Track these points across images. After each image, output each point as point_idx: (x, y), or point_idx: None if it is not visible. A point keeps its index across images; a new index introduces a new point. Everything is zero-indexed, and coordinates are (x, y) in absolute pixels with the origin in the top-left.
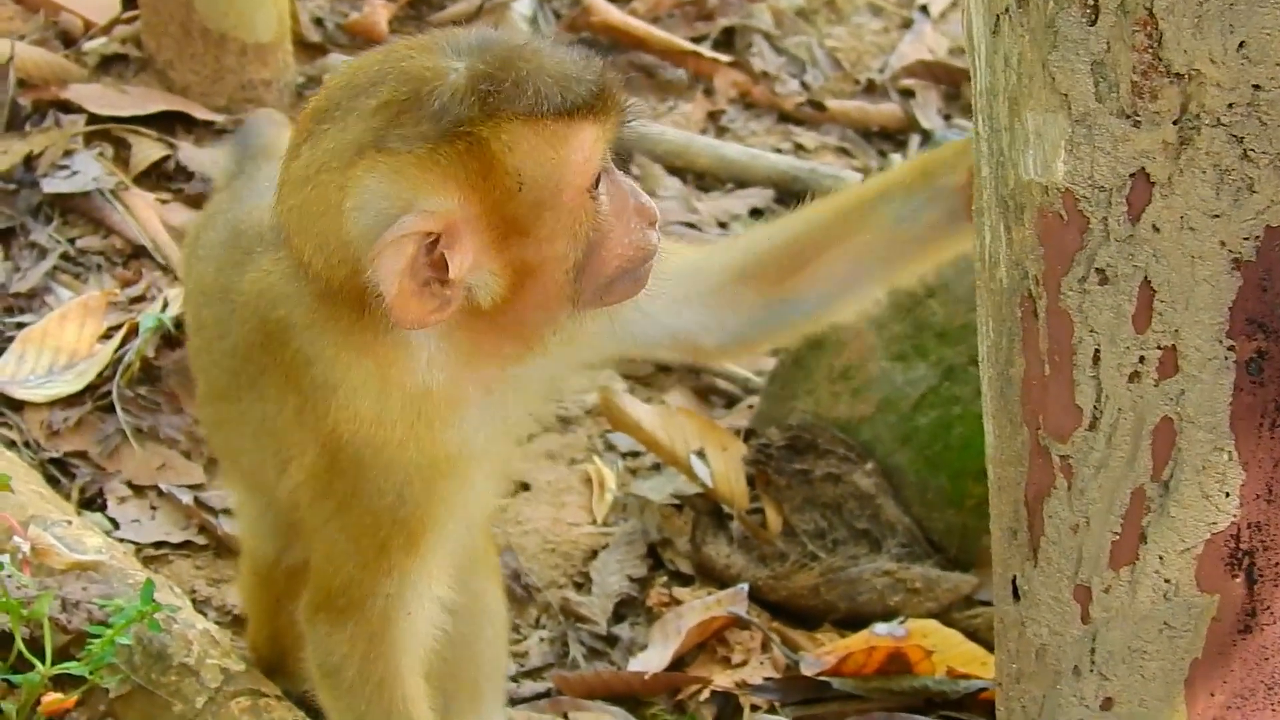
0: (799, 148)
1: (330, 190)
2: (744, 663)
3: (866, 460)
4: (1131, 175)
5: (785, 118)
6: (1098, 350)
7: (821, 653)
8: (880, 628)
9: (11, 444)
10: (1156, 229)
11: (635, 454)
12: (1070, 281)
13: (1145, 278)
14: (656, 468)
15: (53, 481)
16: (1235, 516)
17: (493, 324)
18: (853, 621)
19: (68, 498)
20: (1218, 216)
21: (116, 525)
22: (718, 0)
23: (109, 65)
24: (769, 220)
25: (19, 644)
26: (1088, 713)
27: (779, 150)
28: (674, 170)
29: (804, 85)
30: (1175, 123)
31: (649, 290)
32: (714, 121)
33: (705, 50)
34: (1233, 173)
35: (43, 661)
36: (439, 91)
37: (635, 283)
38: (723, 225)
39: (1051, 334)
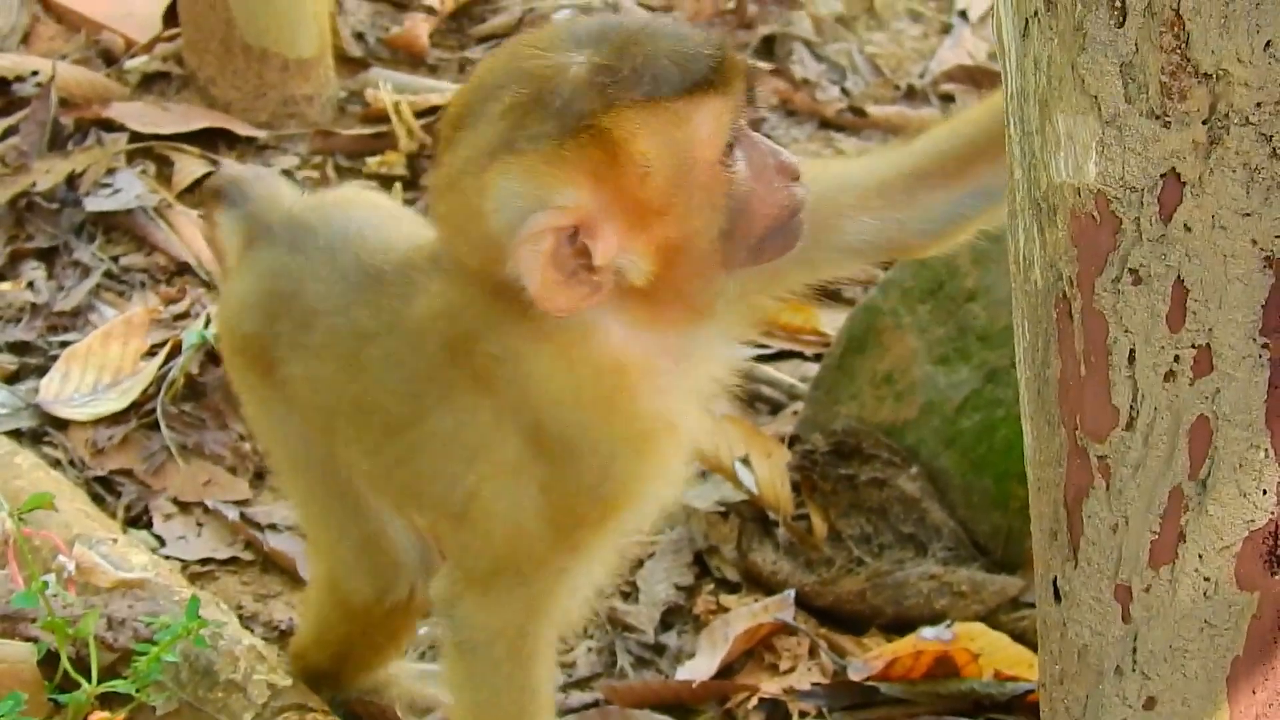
0: (841, 154)
1: (470, 195)
2: (791, 669)
3: (911, 464)
4: (1162, 175)
5: (826, 124)
6: (1133, 350)
7: (869, 658)
8: (927, 632)
9: (56, 463)
10: (1188, 228)
11: None
12: (1104, 282)
13: (1178, 277)
14: (702, 475)
15: (98, 500)
16: (1273, 514)
17: (656, 298)
18: (899, 626)
19: (113, 516)
20: (1249, 215)
21: (162, 542)
22: (757, 8)
23: (151, 83)
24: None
25: (65, 663)
26: (1131, 712)
27: (821, 157)
28: None
29: (844, 92)
30: (1204, 122)
31: (829, 210)
32: (755, 129)
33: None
34: (1262, 171)
35: (89, 680)
36: (560, 89)
37: (788, 237)
38: None
39: (1087, 334)
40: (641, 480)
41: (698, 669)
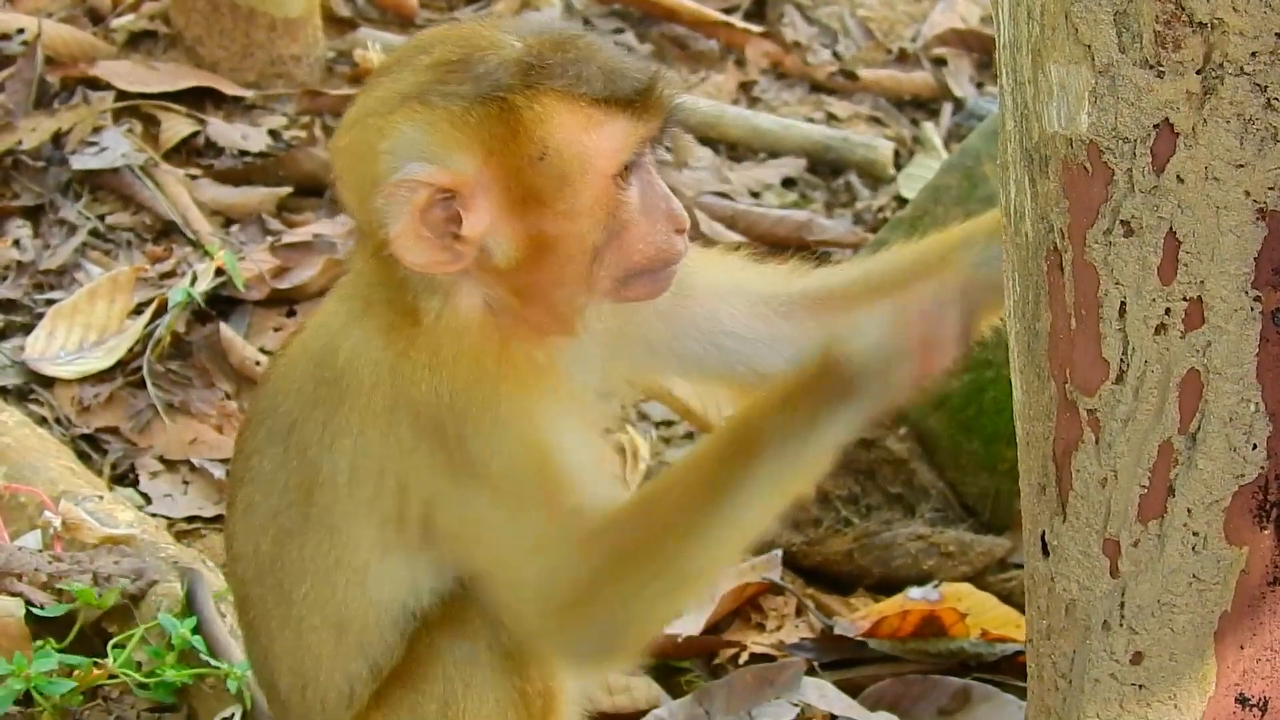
0: (831, 117)
1: (372, 133)
2: (779, 628)
3: (900, 425)
4: (1155, 126)
5: (817, 87)
6: (1124, 303)
7: (856, 617)
8: (914, 592)
9: (42, 420)
10: (1181, 180)
11: (668, 423)
12: (1096, 234)
13: (1170, 229)
14: (689, 436)
15: (84, 458)
16: (1263, 468)
17: (524, 294)
18: (887, 586)
19: (99, 473)
20: (1242, 166)
21: (148, 500)
22: None
23: (137, 42)
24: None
25: None
26: (1118, 667)
27: (811, 120)
28: (706, 141)
29: (836, 55)
30: (1199, 72)
31: (718, 300)
32: (746, 92)
33: (737, 21)
34: (1256, 122)
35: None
36: (487, 59)
37: (655, 284)
38: (755, 194)
39: (1078, 287)
40: (558, 444)
41: (684, 627)
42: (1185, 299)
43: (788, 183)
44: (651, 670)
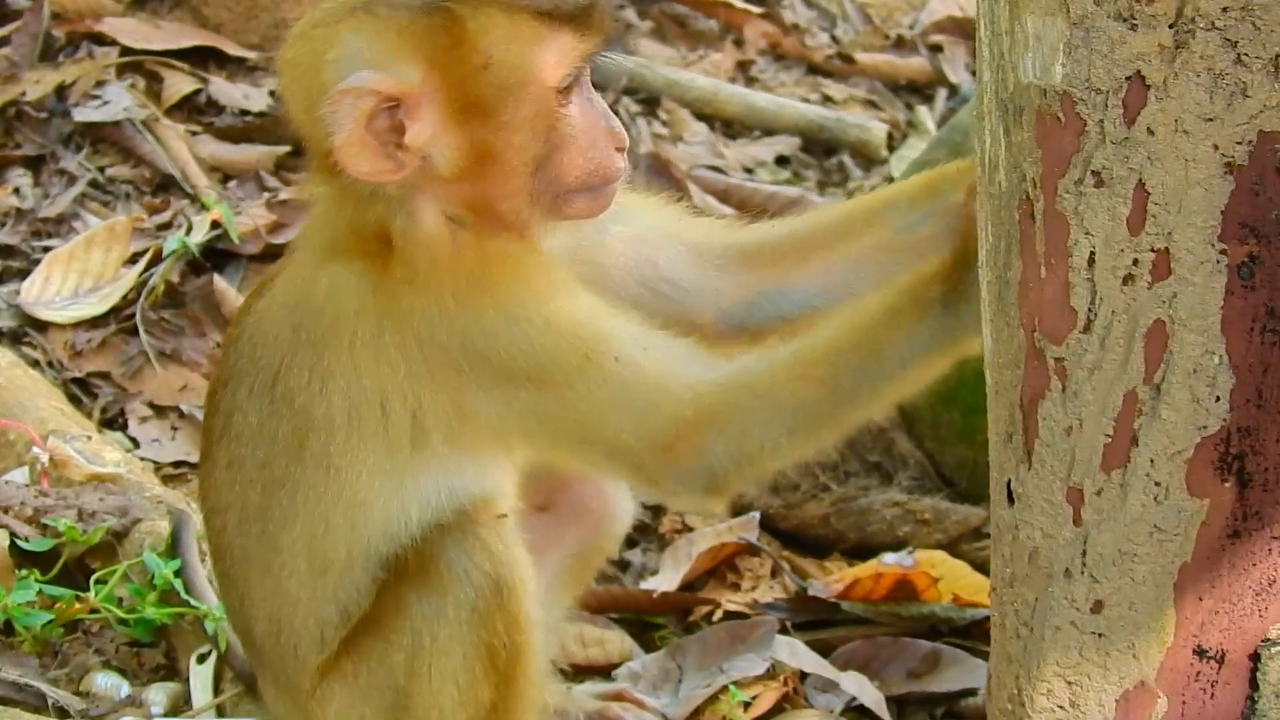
0: (827, 99)
1: (318, 43)
2: (753, 588)
3: None
4: (1127, 78)
5: (814, 69)
6: (1093, 252)
7: (829, 580)
8: (889, 557)
9: (35, 363)
10: (1151, 132)
11: None
12: (1067, 184)
13: (1140, 180)
14: None
15: (75, 401)
16: (1225, 420)
17: (473, 207)
18: (862, 551)
19: (89, 416)
20: (1211, 120)
21: (137, 444)
22: None
23: (143, 1)
24: (791, 214)
25: None
26: (1078, 615)
27: (807, 101)
28: (702, 116)
29: (833, 39)
30: (1171, 26)
31: (657, 246)
32: (743, 71)
33: (736, 1)
34: (1226, 77)
35: None
36: None
37: (595, 200)
38: (749, 171)
39: (1048, 236)
40: (552, 294)
41: (660, 584)
42: (1153, 250)
43: (781, 160)
44: (625, 624)
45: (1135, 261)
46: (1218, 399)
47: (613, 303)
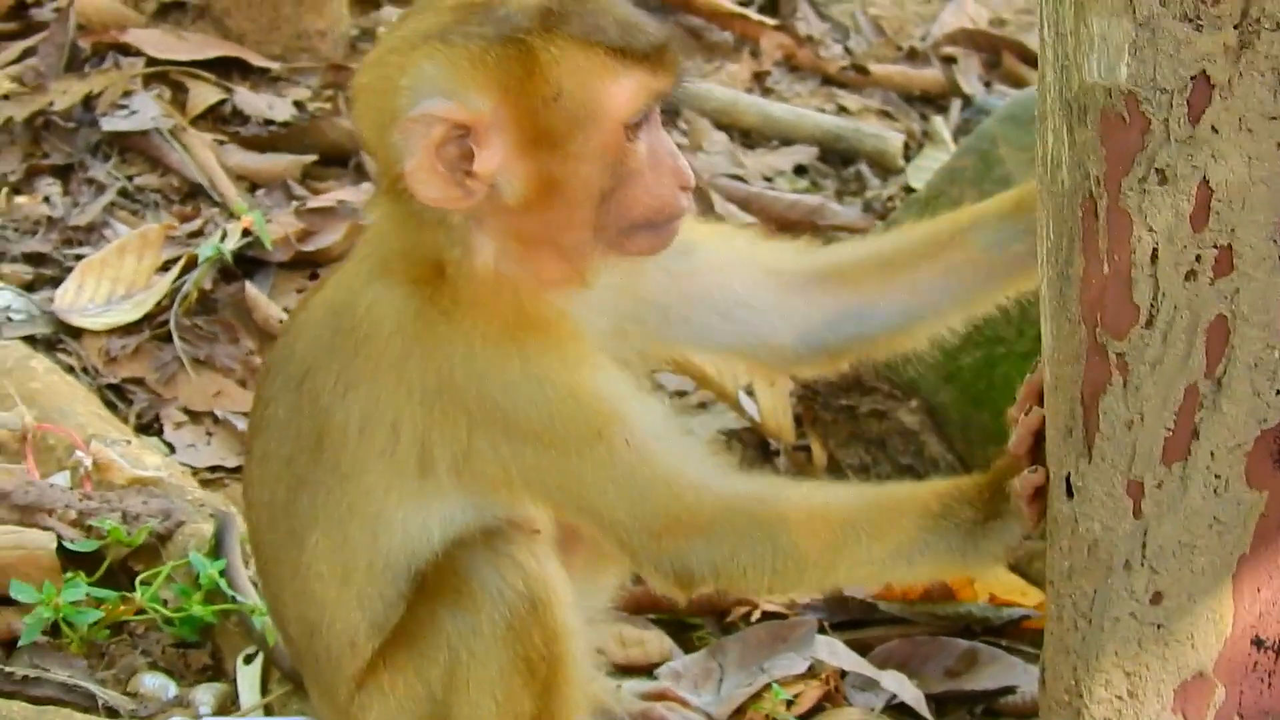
0: (842, 109)
1: (393, 69)
2: None
3: (911, 398)
4: (1192, 78)
5: (829, 80)
6: (1156, 249)
7: None
8: None
9: (70, 370)
10: (1215, 130)
11: (683, 392)
12: (1131, 182)
13: (1204, 178)
14: (703, 405)
15: (110, 407)
16: None
17: (533, 239)
18: None
19: (125, 422)
20: (1275, 119)
21: (173, 449)
22: None
23: (167, 12)
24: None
25: None
26: (1137, 606)
27: (822, 111)
28: (721, 126)
29: (847, 50)
30: (1236, 26)
31: (731, 272)
32: (759, 82)
33: (751, 13)
34: None
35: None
36: (509, 3)
37: (657, 237)
38: (768, 179)
39: (1111, 233)
40: (605, 377)
41: None
42: (1215, 246)
43: (799, 170)
44: (663, 625)
45: (1198, 258)
46: (1278, 393)
47: (672, 344)
